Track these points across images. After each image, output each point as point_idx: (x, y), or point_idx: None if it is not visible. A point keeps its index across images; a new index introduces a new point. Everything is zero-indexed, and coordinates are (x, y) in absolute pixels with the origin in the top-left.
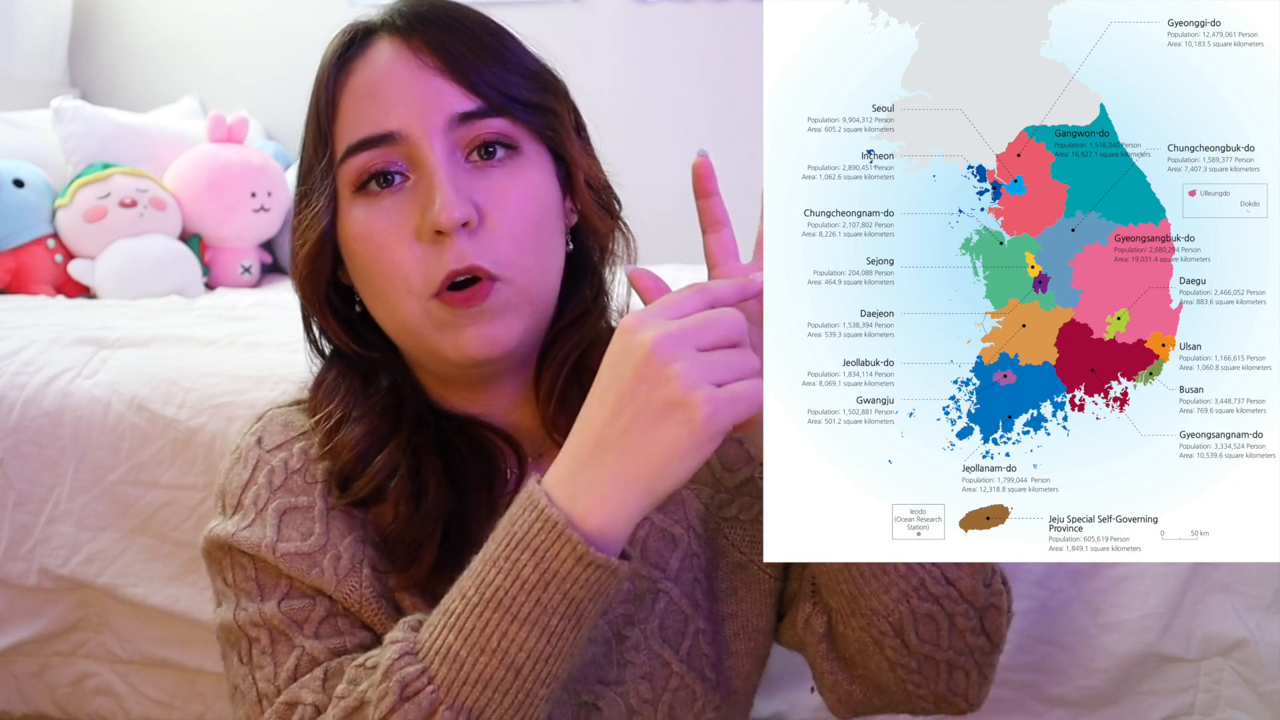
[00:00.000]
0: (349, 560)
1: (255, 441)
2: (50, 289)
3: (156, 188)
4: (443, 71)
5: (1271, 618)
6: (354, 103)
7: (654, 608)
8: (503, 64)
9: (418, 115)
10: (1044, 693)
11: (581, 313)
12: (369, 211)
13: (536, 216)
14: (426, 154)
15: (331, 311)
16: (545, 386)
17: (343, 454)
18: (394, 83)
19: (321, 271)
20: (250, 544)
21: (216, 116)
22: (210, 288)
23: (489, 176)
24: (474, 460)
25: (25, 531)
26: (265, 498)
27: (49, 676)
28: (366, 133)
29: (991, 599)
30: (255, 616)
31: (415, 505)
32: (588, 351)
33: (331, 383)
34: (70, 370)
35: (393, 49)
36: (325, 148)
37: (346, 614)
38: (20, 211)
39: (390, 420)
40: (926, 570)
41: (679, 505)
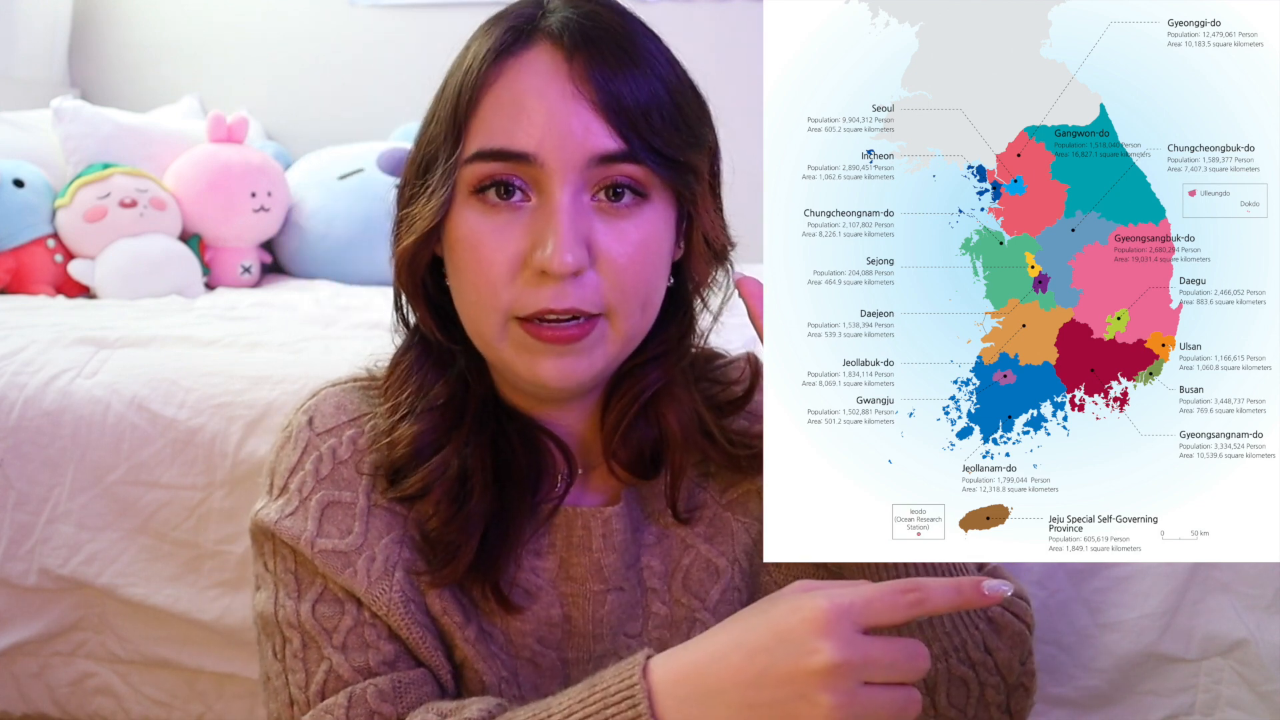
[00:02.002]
0: (383, 563)
1: (307, 421)
2: (50, 289)
3: (156, 188)
4: (595, 105)
5: (1271, 618)
6: (497, 107)
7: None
8: (657, 105)
9: (558, 145)
10: (1044, 693)
11: (665, 350)
12: (482, 220)
13: (649, 264)
14: (555, 188)
15: (423, 293)
16: (613, 418)
17: (399, 447)
18: (543, 102)
19: (422, 259)
20: (291, 535)
21: (216, 116)
22: (210, 288)
23: (610, 220)
24: (526, 461)
25: (25, 531)
26: (311, 486)
27: (49, 676)
28: (502, 144)
29: (1023, 679)
30: (291, 617)
31: (458, 508)
32: (660, 391)
33: (407, 367)
34: (70, 370)
35: (551, 64)
36: (457, 141)
37: (374, 621)
38: (20, 211)
39: (453, 416)
40: (969, 633)
41: (729, 537)
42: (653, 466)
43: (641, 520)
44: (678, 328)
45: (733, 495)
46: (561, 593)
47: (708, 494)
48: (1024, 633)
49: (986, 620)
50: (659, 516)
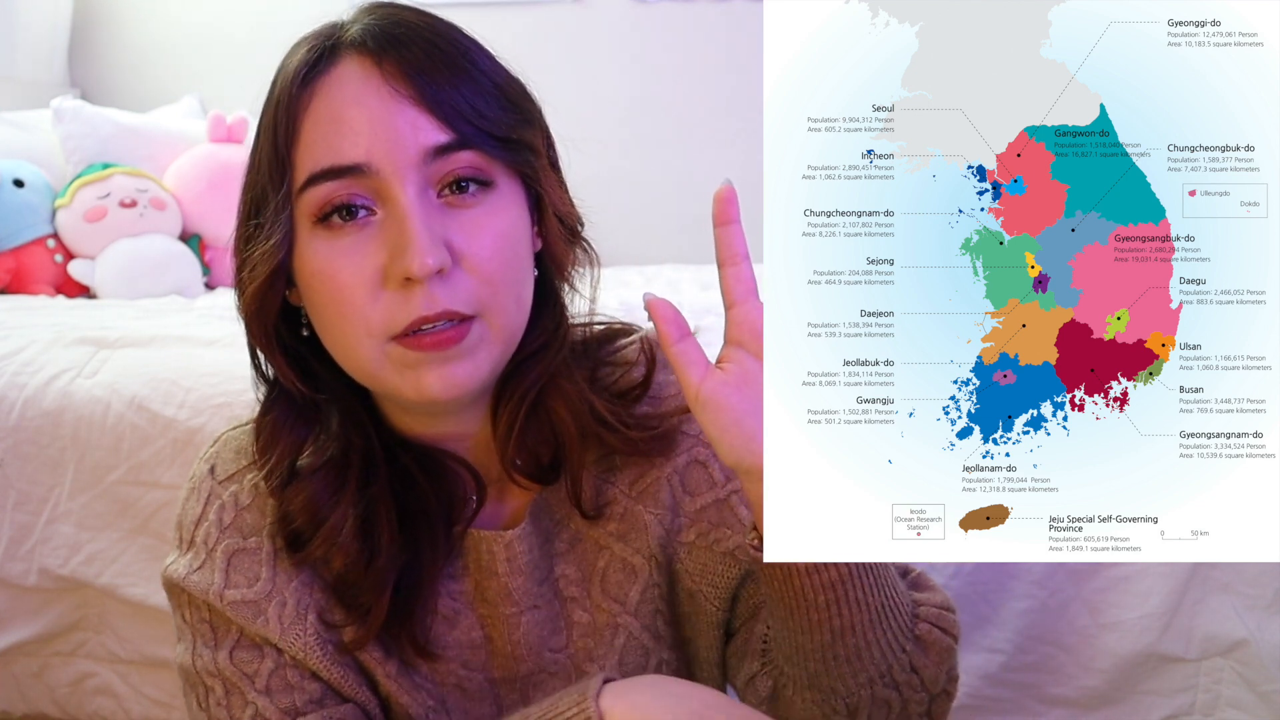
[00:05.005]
0: (294, 607)
1: (209, 470)
2: (50, 289)
3: (156, 188)
4: (416, 101)
5: (1271, 618)
6: (317, 128)
7: (613, 644)
8: (479, 92)
9: (388, 148)
10: (1044, 693)
11: (542, 345)
12: (330, 247)
13: (511, 254)
14: (397, 192)
15: (279, 343)
16: (504, 423)
17: (293, 518)
18: (362, 110)
19: (272, 305)
20: (200, 589)
21: (216, 116)
22: (210, 288)
23: (462, 215)
24: (432, 492)
25: (25, 531)
26: (215, 536)
27: (49, 676)
28: (331, 162)
29: (947, 686)
30: (210, 665)
31: (366, 565)
32: (546, 387)
33: (272, 429)
34: (70, 370)
35: (362, 72)
36: (284, 174)
37: (294, 664)
38: (20, 211)
39: (338, 474)
40: (895, 658)
41: (641, 533)
42: (553, 470)
43: (552, 528)
44: (551, 319)
45: (642, 486)
46: (480, 614)
47: (616, 488)
48: (951, 646)
49: (914, 640)
50: (570, 519)
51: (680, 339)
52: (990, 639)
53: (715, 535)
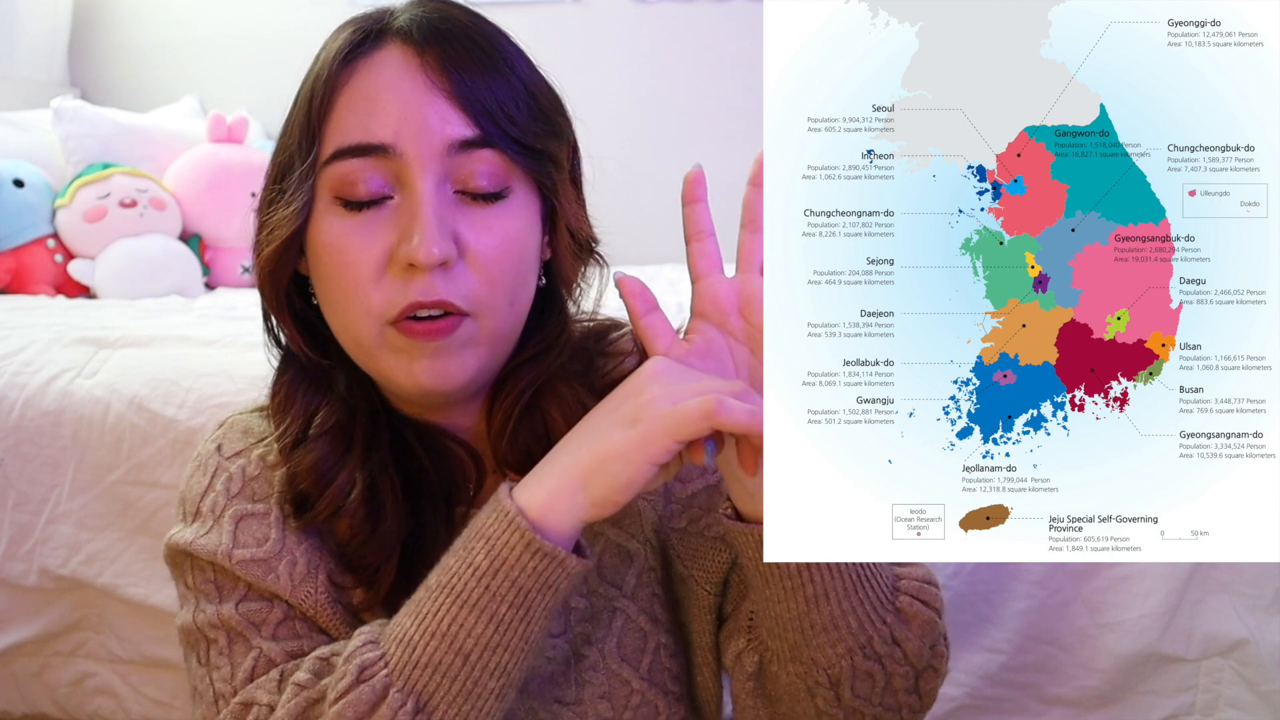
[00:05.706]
0: (305, 566)
1: (215, 449)
2: (50, 289)
3: (156, 188)
4: (449, 95)
5: (1271, 618)
6: (351, 105)
7: (611, 626)
8: (513, 96)
9: (415, 135)
10: (1044, 693)
11: (542, 350)
12: (344, 223)
13: (516, 258)
14: (416, 179)
15: (289, 309)
16: (497, 421)
17: (300, 479)
18: (396, 95)
19: (285, 269)
20: (207, 550)
21: (216, 116)
22: (210, 288)
23: (474, 213)
24: (434, 469)
25: (25, 531)
26: (222, 504)
27: (49, 676)
28: (358, 139)
29: (933, 661)
30: (213, 618)
31: (372, 529)
32: (542, 389)
33: (286, 391)
34: (70, 370)
35: (403, 59)
36: (312, 145)
37: (304, 618)
38: (20, 211)
39: (344, 438)
40: (875, 629)
41: (635, 518)
42: None
43: None
44: (554, 327)
45: None
46: None
47: None
48: (933, 619)
49: (894, 612)
50: None
51: (648, 313)
52: (990, 639)
53: (706, 521)
